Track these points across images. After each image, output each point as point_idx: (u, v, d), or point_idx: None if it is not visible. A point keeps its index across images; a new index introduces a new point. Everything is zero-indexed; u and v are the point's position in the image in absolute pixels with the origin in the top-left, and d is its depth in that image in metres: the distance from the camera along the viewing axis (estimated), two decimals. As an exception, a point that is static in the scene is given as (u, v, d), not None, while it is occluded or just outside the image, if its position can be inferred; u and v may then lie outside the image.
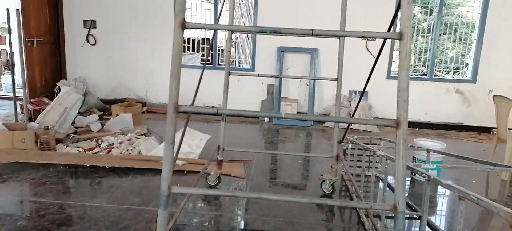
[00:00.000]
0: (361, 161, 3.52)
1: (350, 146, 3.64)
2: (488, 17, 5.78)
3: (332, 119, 2.41)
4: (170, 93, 1.45)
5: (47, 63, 6.31)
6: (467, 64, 6.26)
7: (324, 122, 5.94)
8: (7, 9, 4.35)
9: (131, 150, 4.01)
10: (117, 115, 4.97)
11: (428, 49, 6.12)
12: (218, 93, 6.34)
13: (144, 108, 6.08)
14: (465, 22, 6.15)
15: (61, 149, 3.94)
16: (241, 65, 7.54)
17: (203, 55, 7.25)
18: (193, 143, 3.98)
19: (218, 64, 6.53)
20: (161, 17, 6.23)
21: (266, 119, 6.18)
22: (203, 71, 2.67)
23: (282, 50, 6.03)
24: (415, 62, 6.34)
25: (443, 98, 6.06)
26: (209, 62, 6.44)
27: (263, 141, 5.16)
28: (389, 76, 6.08)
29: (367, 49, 5.90)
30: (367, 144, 3.55)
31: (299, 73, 6.10)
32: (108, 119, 5.35)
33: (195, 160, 3.80)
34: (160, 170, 1.35)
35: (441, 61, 6.35)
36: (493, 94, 4.54)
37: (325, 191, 3.29)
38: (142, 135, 4.65)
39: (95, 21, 6.33)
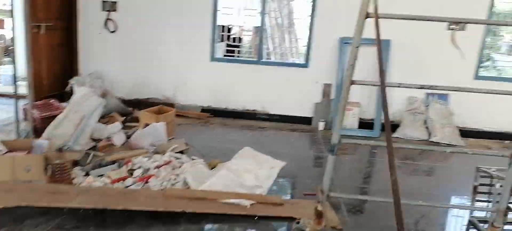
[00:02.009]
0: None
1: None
2: None
3: None
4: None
5: (57, 54, 5.20)
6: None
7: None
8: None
9: (174, 179, 2.94)
10: (147, 124, 3.89)
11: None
12: (263, 94, 5.26)
13: (174, 111, 4.98)
14: None
15: (79, 178, 2.86)
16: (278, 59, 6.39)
17: (228, 44, 6.19)
18: (261, 173, 2.89)
19: (262, 59, 5.39)
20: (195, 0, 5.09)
21: (321, 126, 5.07)
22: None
23: (345, 42, 4.87)
24: None
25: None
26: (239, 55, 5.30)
27: (314, 154, 4.20)
28: (477, 77, 4.91)
29: (453, 42, 4.72)
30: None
31: (366, 70, 4.94)
32: (132, 126, 4.29)
33: (268, 198, 2.71)
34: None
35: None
36: None
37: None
38: (179, 152, 3.58)
39: (116, 2, 5.16)
